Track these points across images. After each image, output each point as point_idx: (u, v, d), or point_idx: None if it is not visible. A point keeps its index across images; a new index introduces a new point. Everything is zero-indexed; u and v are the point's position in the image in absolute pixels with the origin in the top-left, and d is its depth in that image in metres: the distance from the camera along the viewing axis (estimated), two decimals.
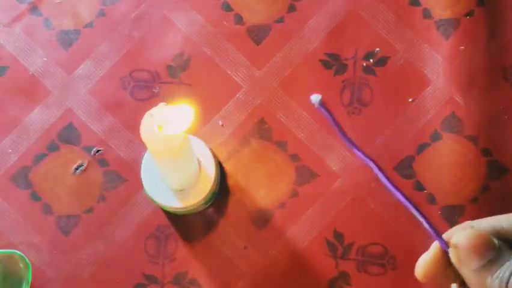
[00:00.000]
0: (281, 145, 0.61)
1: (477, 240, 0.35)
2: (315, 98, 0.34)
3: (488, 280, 0.34)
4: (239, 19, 0.63)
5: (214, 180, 0.57)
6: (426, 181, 0.60)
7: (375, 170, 0.37)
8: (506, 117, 0.61)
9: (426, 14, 0.63)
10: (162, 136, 0.46)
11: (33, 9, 0.64)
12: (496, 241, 0.35)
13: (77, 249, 0.60)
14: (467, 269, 0.35)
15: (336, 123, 0.36)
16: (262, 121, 0.62)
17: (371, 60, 0.62)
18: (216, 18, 0.63)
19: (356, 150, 0.36)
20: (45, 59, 0.63)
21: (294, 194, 0.61)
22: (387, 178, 0.37)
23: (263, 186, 0.61)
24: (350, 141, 0.36)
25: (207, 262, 0.60)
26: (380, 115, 0.62)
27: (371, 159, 0.37)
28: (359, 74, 0.62)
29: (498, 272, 0.34)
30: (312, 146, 0.61)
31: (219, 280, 0.59)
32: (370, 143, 0.61)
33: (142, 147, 0.61)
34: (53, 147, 0.61)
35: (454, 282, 0.38)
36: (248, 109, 0.62)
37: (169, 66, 0.63)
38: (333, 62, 0.63)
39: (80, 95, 0.62)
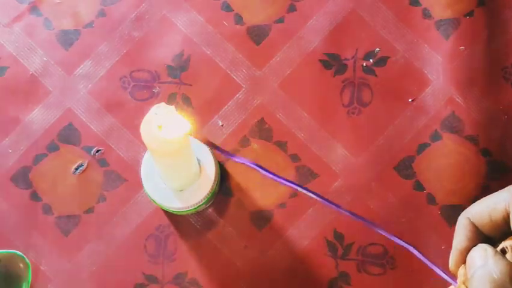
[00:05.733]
0: (281, 145, 0.61)
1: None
2: None
3: None
4: (239, 19, 0.63)
5: (214, 180, 0.56)
6: (426, 181, 0.60)
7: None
8: (506, 117, 0.61)
9: (426, 14, 0.63)
10: (162, 136, 0.46)
11: (33, 9, 0.64)
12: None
13: (77, 249, 0.60)
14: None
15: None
16: (262, 121, 0.62)
17: (371, 60, 0.62)
18: (216, 18, 0.63)
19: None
20: (45, 59, 0.63)
21: (294, 194, 0.61)
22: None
23: (263, 186, 0.61)
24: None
25: (207, 262, 0.60)
26: (380, 115, 0.62)
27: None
28: (359, 74, 0.62)
29: None
30: (312, 146, 0.61)
31: (219, 280, 0.59)
32: (370, 143, 0.61)
33: (142, 147, 0.61)
34: (53, 147, 0.61)
35: None
36: (248, 109, 0.62)
37: (169, 66, 0.63)
38: (333, 62, 0.63)
39: (80, 95, 0.62)
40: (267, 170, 0.39)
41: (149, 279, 0.59)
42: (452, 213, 0.60)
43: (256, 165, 0.39)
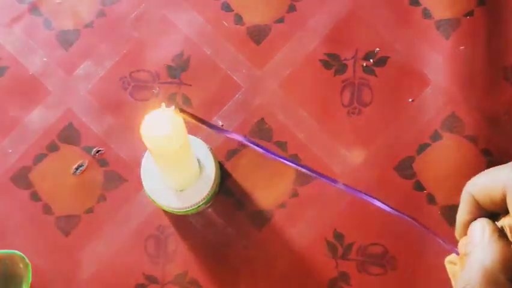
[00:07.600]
0: (281, 145, 0.61)
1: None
2: None
3: None
4: (239, 19, 0.63)
5: (214, 180, 0.56)
6: (426, 181, 0.60)
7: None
8: (506, 117, 0.61)
9: (426, 14, 0.63)
10: (162, 136, 0.46)
11: (33, 9, 0.64)
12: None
13: (77, 249, 0.60)
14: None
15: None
16: (262, 121, 0.62)
17: (371, 60, 0.62)
18: (216, 18, 0.63)
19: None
20: (45, 59, 0.63)
21: (294, 194, 0.61)
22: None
23: (263, 187, 0.61)
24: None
25: (207, 262, 0.60)
26: (380, 115, 0.62)
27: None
28: (359, 74, 0.62)
29: None
30: (312, 146, 0.61)
31: (219, 280, 0.59)
32: (370, 143, 0.61)
33: (142, 147, 0.61)
34: (53, 147, 0.61)
35: None
36: (248, 109, 0.62)
37: (169, 66, 0.63)
38: (333, 62, 0.63)
39: (80, 95, 0.62)
40: (264, 148, 0.39)
41: (149, 279, 0.59)
42: (452, 213, 0.60)
43: (251, 142, 0.39)
